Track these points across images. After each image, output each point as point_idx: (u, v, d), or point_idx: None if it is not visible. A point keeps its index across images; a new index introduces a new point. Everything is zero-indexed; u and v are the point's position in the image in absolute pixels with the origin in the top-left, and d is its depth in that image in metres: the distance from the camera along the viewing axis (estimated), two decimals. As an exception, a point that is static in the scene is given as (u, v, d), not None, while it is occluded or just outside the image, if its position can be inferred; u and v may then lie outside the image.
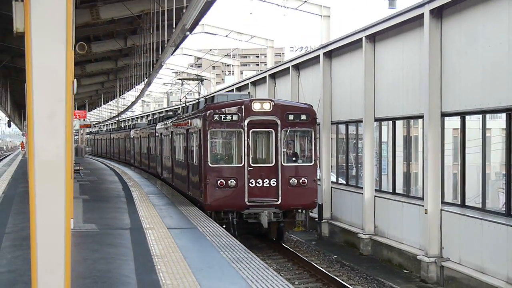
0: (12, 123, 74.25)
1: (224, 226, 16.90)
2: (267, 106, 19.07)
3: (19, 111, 74.00)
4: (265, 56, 42.71)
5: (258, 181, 18.73)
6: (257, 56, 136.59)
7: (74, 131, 39.22)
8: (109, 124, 79.39)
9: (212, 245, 13.42)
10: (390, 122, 21.40)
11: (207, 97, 25.22)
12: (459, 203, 17.40)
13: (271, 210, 18.74)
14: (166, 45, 21.52)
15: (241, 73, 54.58)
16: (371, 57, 21.93)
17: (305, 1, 28.99)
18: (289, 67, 30.63)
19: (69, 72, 6.77)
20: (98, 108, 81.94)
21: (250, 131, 18.91)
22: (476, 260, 16.10)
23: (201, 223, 16.47)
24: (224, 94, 21.86)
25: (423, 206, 17.96)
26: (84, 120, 55.87)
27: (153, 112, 63.74)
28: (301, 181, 19.07)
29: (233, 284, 10.17)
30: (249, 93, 32.93)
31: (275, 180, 18.84)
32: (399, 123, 21.03)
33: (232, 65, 54.86)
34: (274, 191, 18.89)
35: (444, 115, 17.62)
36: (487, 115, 16.43)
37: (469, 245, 16.41)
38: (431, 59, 17.72)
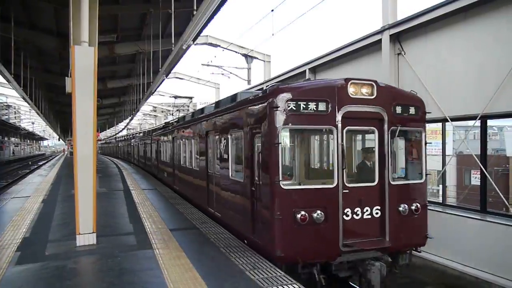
0: (60, 138, 69.86)
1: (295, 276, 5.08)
2: (369, 91, 5.64)
3: (63, 133, 69.37)
4: (188, 106, 42.14)
5: (355, 210, 5.57)
6: (183, 106, 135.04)
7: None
8: (112, 138, 75.06)
9: (165, 197, 13.07)
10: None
11: (222, 100, 8.64)
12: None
13: (375, 255, 5.67)
14: (141, 100, 20.96)
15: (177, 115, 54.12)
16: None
17: (208, 81, 29.24)
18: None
19: (95, 113, 6.53)
20: (105, 131, 78.05)
21: (345, 130, 5.53)
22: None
23: (159, 187, 15.75)
24: (248, 91, 8.27)
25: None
26: (98, 136, 53.43)
27: (145, 129, 60.06)
28: (413, 207, 5.93)
29: (178, 219, 9.96)
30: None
31: (379, 207, 5.71)
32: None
33: (172, 111, 54.02)
34: (377, 225, 5.73)
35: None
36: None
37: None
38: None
